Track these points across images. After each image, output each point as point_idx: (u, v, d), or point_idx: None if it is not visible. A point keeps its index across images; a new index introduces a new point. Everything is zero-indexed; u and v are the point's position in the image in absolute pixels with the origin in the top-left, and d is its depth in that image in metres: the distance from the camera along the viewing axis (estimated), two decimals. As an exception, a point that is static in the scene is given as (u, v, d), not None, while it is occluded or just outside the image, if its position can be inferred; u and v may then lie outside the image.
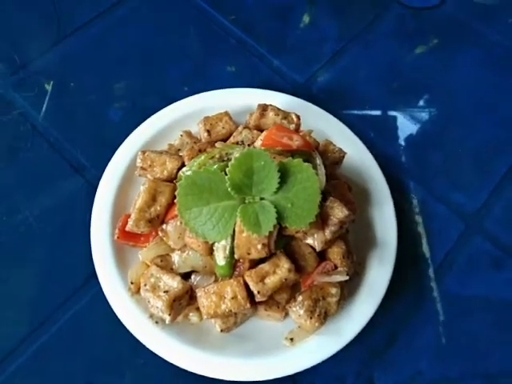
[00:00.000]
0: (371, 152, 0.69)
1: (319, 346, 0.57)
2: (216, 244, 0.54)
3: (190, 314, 0.58)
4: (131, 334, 0.57)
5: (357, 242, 0.63)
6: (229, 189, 0.50)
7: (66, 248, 0.65)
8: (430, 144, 0.78)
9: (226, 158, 0.56)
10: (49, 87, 0.76)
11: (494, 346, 0.64)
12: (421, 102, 0.82)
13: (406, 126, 0.79)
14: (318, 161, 0.56)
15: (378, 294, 0.60)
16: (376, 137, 0.76)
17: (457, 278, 0.68)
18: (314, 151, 0.57)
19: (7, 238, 0.65)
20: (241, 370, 0.55)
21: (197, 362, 0.55)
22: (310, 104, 0.72)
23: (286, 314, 0.59)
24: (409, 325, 0.65)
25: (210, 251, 0.55)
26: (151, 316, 0.57)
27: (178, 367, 0.55)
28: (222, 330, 0.56)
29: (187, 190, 0.50)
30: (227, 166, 0.50)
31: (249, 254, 0.52)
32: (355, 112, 0.79)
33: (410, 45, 0.88)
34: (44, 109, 0.74)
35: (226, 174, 0.50)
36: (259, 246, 0.51)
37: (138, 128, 0.67)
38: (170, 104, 0.70)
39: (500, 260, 0.69)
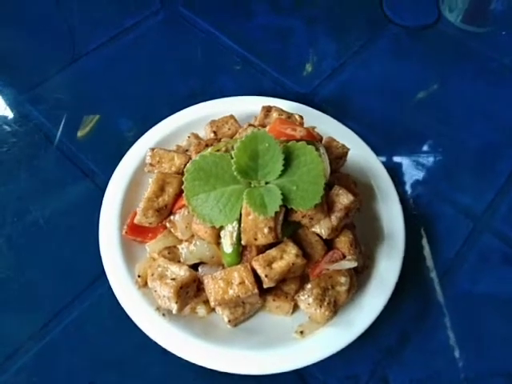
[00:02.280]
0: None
1: (330, 339, 0.55)
2: (223, 231, 0.54)
3: (198, 307, 0.57)
4: (138, 333, 0.56)
5: (364, 237, 0.63)
6: (235, 173, 0.51)
7: (74, 249, 0.65)
8: (430, 149, 0.80)
9: (232, 152, 0.58)
10: (63, 101, 0.80)
11: (510, 343, 0.62)
12: (419, 107, 0.84)
13: (405, 135, 0.82)
14: (322, 150, 0.57)
15: (388, 286, 0.59)
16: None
17: (468, 276, 0.67)
18: (318, 142, 0.59)
19: (17, 238, 0.66)
20: (249, 363, 0.53)
21: (203, 355, 0.54)
22: (312, 109, 0.74)
23: (295, 307, 0.58)
24: (422, 323, 0.63)
25: (217, 239, 0.55)
26: (158, 308, 0.56)
27: (185, 363, 0.54)
28: (229, 321, 0.55)
29: (194, 175, 0.52)
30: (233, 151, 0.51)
31: (255, 239, 0.52)
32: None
33: (406, 61, 0.92)
34: (62, 123, 0.78)
35: (232, 158, 0.51)
36: (266, 230, 0.52)
37: (148, 132, 0.70)
38: (179, 112, 0.74)
39: (510, 257, 0.68)
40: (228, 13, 0.97)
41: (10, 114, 0.78)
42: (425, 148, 0.80)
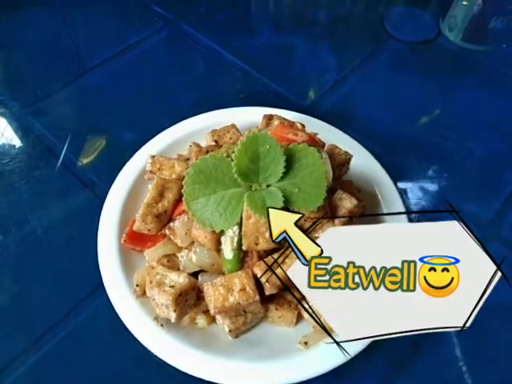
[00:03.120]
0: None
1: (335, 350, 0.52)
2: (223, 236, 0.53)
3: (197, 318, 0.55)
4: (135, 344, 0.54)
5: (369, 245, 0.61)
6: (235, 175, 0.50)
7: (72, 260, 0.64)
8: (435, 159, 0.79)
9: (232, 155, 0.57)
10: (66, 115, 0.81)
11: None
12: (422, 119, 0.84)
13: (409, 146, 0.81)
14: (324, 155, 0.56)
15: (395, 295, 0.57)
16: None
17: (478, 286, 0.65)
18: (320, 147, 0.58)
19: (14, 248, 0.65)
20: (251, 376, 0.51)
21: (203, 367, 0.51)
22: (314, 118, 0.74)
23: (299, 317, 0.56)
24: (431, 334, 0.60)
25: (218, 245, 0.53)
26: (156, 318, 0.54)
27: (184, 376, 0.52)
28: (230, 331, 0.53)
29: (194, 179, 0.51)
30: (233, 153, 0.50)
31: (257, 244, 0.51)
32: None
33: (407, 73, 0.92)
34: (68, 139, 0.78)
35: (233, 160, 0.50)
36: (267, 234, 0.50)
37: (149, 142, 0.70)
38: (180, 124, 0.74)
39: (521, 265, 0.66)
40: (231, 30, 0.98)
41: (12, 127, 0.79)
42: (429, 158, 0.79)
